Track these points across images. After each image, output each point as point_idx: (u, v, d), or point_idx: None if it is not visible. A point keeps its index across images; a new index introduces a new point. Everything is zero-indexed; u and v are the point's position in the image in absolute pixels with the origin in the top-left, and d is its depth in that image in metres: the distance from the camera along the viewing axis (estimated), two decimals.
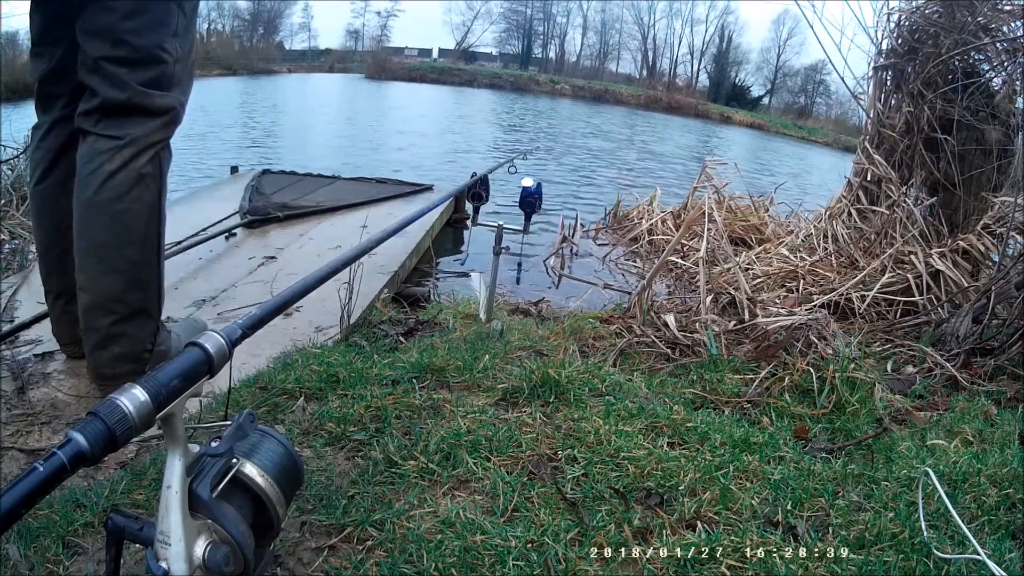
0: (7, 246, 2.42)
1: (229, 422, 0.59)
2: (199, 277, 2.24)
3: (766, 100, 34.40)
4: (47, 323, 1.47)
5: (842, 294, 2.54)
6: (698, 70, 35.90)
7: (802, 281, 2.75)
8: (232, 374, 1.34)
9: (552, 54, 38.75)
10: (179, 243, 2.42)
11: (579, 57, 38.42)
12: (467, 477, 1.07)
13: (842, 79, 3.18)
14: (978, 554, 0.89)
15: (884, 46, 3.04)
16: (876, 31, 3.05)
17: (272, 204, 3.25)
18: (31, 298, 1.82)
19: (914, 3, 3.00)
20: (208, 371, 0.56)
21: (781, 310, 2.15)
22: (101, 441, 0.46)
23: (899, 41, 2.97)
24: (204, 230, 2.66)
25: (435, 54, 38.22)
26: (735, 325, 2.07)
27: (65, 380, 1.38)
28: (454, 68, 31.03)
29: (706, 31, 35.52)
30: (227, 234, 2.72)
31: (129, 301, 1.24)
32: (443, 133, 10.84)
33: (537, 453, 1.15)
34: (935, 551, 0.94)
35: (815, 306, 2.37)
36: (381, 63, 29.22)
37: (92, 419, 0.47)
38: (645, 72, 35.90)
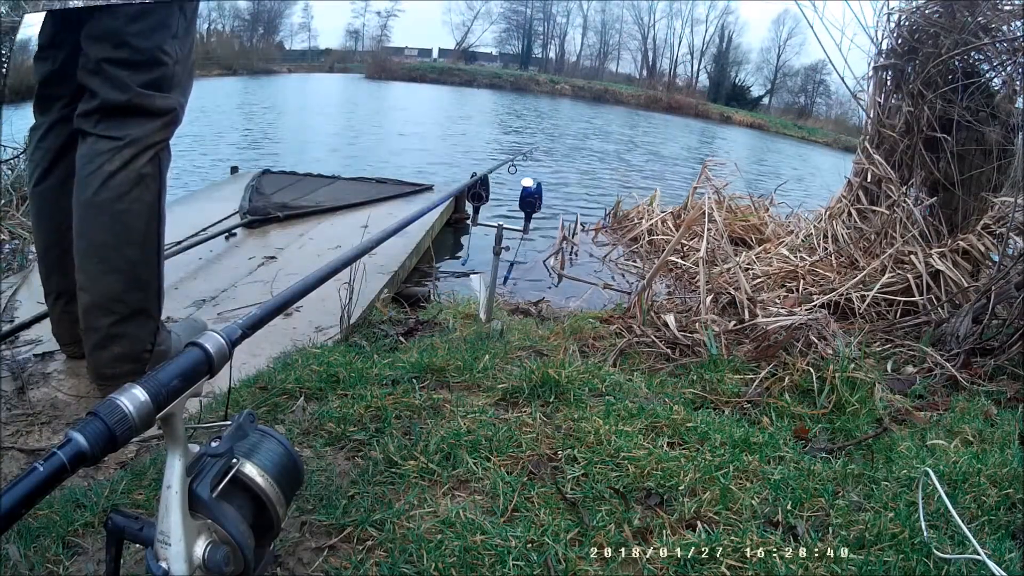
0: (7, 246, 2.42)
1: (229, 422, 0.59)
2: (199, 277, 2.24)
3: (766, 100, 34.36)
4: (47, 323, 1.47)
5: (842, 294, 2.54)
6: (698, 70, 35.83)
7: (802, 281, 2.75)
8: (232, 374, 1.35)
9: (552, 54, 38.66)
10: (179, 243, 2.42)
11: (579, 57, 38.32)
12: (467, 477, 1.07)
13: (842, 79, 3.18)
14: (978, 554, 0.89)
15: (884, 46, 3.04)
16: (876, 31, 3.05)
17: (272, 204, 3.25)
18: (31, 298, 1.82)
19: (914, 3, 2.99)
20: (208, 371, 0.56)
21: (781, 310, 2.15)
22: (101, 441, 0.46)
23: (899, 41, 2.96)
24: (204, 230, 2.66)
25: (435, 54, 38.17)
26: (735, 325, 2.07)
27: (65, 380, 1.38)
28: (454, 68, 30.99)
29: (706, 31, 35.42)
30: (227, 234, 2.72)
31: (129, 301, 1.24)
32: (444, 134, 10.83)
33: (537, 453, 1.16)
34: (935, 551, 0.94)
35: (815, 306, 2.37)
36: (381, 63, 29.19)
37: (92, 419, 0.47)
38: (645, 72, 35.85)
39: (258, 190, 3.59)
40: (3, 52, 1.11)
